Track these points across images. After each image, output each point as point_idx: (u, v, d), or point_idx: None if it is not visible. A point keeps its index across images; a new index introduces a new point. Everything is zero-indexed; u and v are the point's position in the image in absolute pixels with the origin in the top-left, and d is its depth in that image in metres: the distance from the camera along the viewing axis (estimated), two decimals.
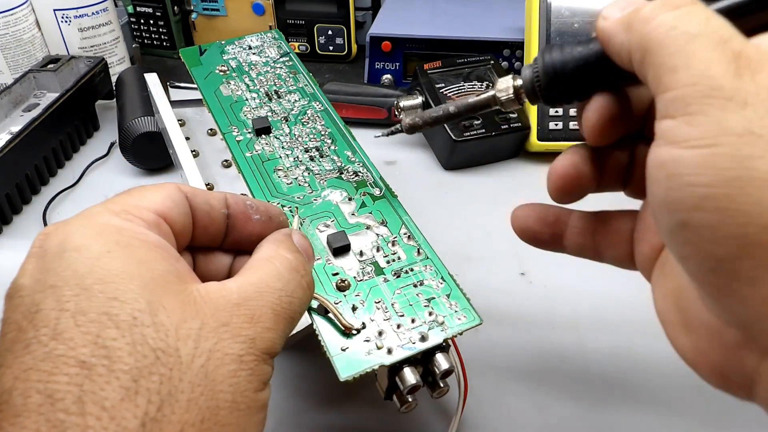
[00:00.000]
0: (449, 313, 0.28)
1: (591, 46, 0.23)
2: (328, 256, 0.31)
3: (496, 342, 0.37)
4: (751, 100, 0.17)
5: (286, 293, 0.22)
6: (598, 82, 0.24)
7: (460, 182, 0.52)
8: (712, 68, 0.17)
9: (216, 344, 0.19)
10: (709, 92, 0.17)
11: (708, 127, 0.17)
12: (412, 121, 0.31)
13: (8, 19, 0.58)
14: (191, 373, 0.18)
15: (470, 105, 0.29)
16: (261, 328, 0.20)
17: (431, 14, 0.69)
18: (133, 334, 0.17)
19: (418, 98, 0.54)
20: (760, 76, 0.17)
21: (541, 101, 0.26)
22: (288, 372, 0.36)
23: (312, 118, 0.39)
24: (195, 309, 0.19)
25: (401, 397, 0.28)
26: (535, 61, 0.25)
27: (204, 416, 0.17)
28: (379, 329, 0.27)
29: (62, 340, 0.17)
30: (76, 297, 0.18)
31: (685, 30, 0.18)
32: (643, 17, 0.20)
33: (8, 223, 0.48)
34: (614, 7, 0.22)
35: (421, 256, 0.31)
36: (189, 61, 0.44)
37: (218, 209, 0.25)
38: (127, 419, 0.16)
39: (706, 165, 0.17)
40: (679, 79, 0.18)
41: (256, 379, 0.19)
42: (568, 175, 0.25)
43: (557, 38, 0.54)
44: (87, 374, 0.16)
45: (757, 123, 0.16)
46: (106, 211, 0.21)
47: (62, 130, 0.55)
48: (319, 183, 0.35)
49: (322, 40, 0.75)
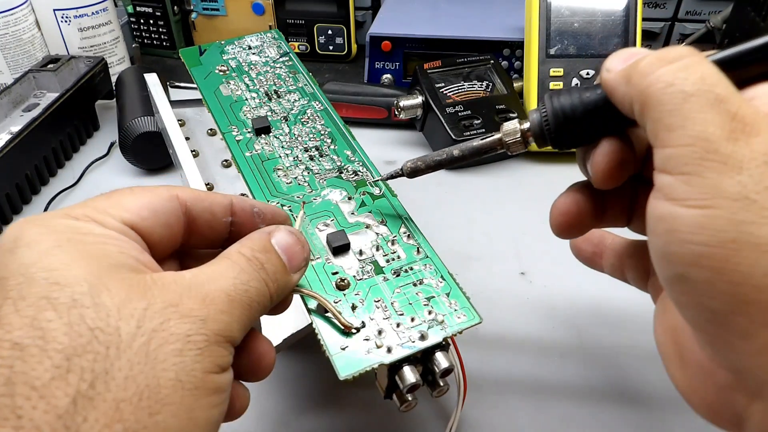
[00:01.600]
0: (449, 312, 0.28)
1: (599, 92, 0.24)
2: (328, 255, 0.31)
3: (496, 341, 0.37)
4: (746, 165, 0.17)
5: (241, 281, 0.21)
6: (606, 126, 0.24)
7: (460, 182, 0.52)
8: (707, 130, 0.18)
9: (161, 324, 0.18)
10: (704, 154, 0.18)
11: (705, 188, 0.18)
12: (414, 164, 0.31)
13: (8, 19, 0.58)
14: (131, 352, 0.17)
15: (475, 148, 0.29)
16: (213, 310, 0.20)
17: (431, 14, 0.69)
18: (71, 315, 0.17)
19: (418, 98, 0.54)
20: (755, 141, 0.18)
21: (550, 144, 0.26)
22: (288, 372, 0.36)
23: (312, 118, 0.39)
24: (143, 291, 0.19)
25: (401, 396, 0.28)
26: (541, 105, 0.26)
27: (142, 394, 0.17)
28: (379, 328, 0.27)
29: (1, 326, 0.17)
30: (19, 285, 0.18)
31: (681, 88, 0.19)
32: (642, 71, 0.20)
33: (8, 223, 0.48)
34: (617, 58, 0.22)
35: (420, 255, 0.31)
36: (189, 61, 0.44)
37: (220, 217, 0.25)
38: (57, 397, 0.16)
39: (703, 225, 0.18)
40: (676, 138, 0.18)
41: (207, 360, 0.19)
42: (570, 212, 0.26)
43: (557, 38, 0.54)
44: (19, 355, 0.17)
45: (751, 188, 0.17)
46: (66, 215, 0.21)
47: (62, 130, 0.55)
48: (318, 182, 0.35)
49: (322, 40, 0.75)
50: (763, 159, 0.17)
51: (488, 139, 0.28)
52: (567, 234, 0.27)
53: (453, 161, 0.30)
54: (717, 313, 0.18)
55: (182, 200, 0.24)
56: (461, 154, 0.29)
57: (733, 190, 0.17)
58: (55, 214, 0.21)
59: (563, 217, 0.26)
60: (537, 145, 0.27)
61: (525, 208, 0.48)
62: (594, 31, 0.54)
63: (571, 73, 0.54)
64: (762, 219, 0.17)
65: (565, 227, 0.27)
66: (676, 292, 0.20)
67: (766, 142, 0.18)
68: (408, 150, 0.57)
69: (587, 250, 0.32)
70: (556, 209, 0.27)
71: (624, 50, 0.22)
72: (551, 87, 0.54)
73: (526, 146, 0.27)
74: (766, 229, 0.17)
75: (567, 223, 0.27)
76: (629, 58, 0.22)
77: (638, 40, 0.54)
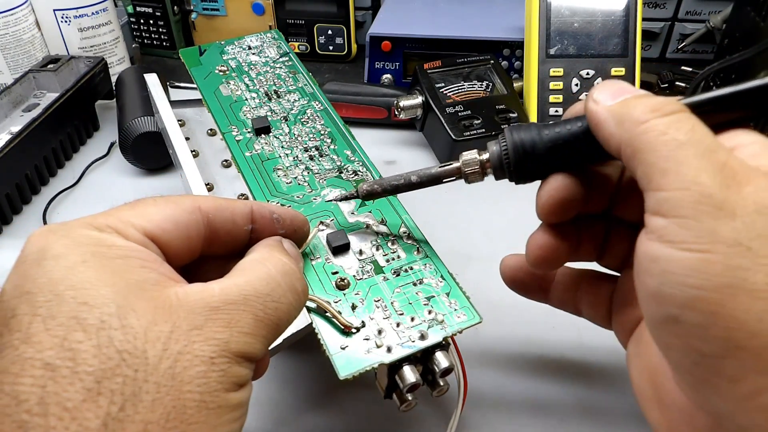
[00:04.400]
0: (449, 312, 0.28)
1: (568, 127, 0.24)
2: (328, 254, 0.31)
3: (496, 341, 0.37)
4: (740, 212, 0.18)
5: (273, 299, 0.22)
6: (565, 163, 0.25)
7: (460, 181, 0.52)
8: (701, 176, 0.19)
9: (186, 347, 0.19)
10: (699, 199, 0.18)
11: (701, 232, 0.18)
12: (370, 187, 0.31)
13: (8, 19, 0.58)
14: (157, 374, 0.18)
15: (432, 175, 0.29)
16: (236, 332, 0.20)
17: (431, 14, 0.69)
18: (99, 337, 0.18)
19: (418, 98, 0.54)
20: (746, 190, 0.18)
21: (508, 178, 0.27)
22: (288, 371, 0.36)
23: (311, 118, 0.39)
24: (168, 312, 0.19)
25: (401, 395, 0.28)
26: (501, 137, 0.26)
27: (169, 415, 0.18)
28: (379, 328, 0.27)
29: (31, 344, 0.17)
30: (48, 303, 0.18)
31: (675, 137, 0.20)
32: (636, 119, 0.21)
33: (8, 223, 0.48)
34: (605, 92, 0.23)
35: (420, 255, 0.31)
36: (189, 61, 0.44)
37: (241, 226, 0.25)
38: (88, 419, 0.17)
39: (699, 269, 0.18)
40: (670, 182, 0.19)
41: (230, 381, 0.19)
42: (545, 246, 0.27)
43: (557, 38, 0.54)
44: (51, 376, 0.17)
45: (745, 235, 0.18)
46: (90, 224, 0.21)
47: (62, 130, 0.55)
48: (318, 182, 0.35)
49: (322, 40, 0.75)
50: (754, 207, 0.18)
51: (447, 168, 0.29)
52: (543, 267, 0.28)
53: (410, 187, 0.30)
54: (707, 356, 0.19)
55: (204, 211, 0.24)
56: (419, 180, 0.29)
57: (729, 236, 0.18)
58: (79, 223, 0.21)
59: (540, 250, 0.27)
60: (495, 176, 0.27)
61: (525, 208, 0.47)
62: (594, 31, 0.54)
63: (571, 73, 0.54)
64: (757, 266, 0.18)
65: (540, 260, 0.27)
66: (666, 333, 0.20)
67: (757, 192, 0.18)
68: (408, 150, 0.57)
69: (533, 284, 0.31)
70: (533, 243, 0.27)
71: (611, 84, 0.23)
72: (551, 87, 0.54)
73: (484, 177, 0.28)
74: (761, 276, 0.18)
75: (542, 257, 0.27)
76: (618, 94, 0.22)
77: (638, 40, 0.54)
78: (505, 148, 0.26)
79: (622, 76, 0.53)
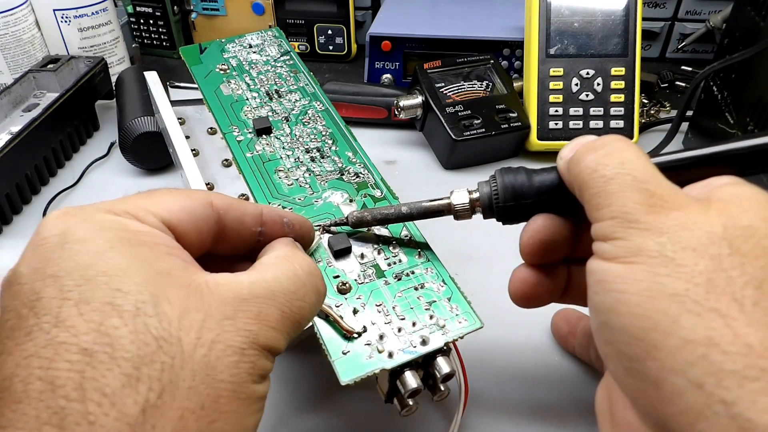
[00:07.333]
0: (450, 317, 0.28)
1: (545, 176, 0.27)
2: (329, 258, 0.31)
3: (497, 344, 0.37)
4: (667, 230, 0.20)
5: (298, 297, 0.22)
6: (552, 208, 0.27)
7: (460, 182, 0.52)
8: (627, 205, 0.21)
9: (218, 335, 0.19)
10: (628, 224, 0.21)
11: (629, 248, 0.20)
12: (361, 215, 0.31)
13: (8, 19, 0.58)
14: (192, 362, 0.18)
15: (423, 209, 0.30)
16: (265, 326, 0.20)
17: (431, 14, 0.69)
18: (135, 324, 0.18)
19: (418, 98, 0.54)
20: (676, 214, 0.20)
21: (495, 218, 0.28)
22: (289, 373, 0.36)
23: (313, 118, 0.39)
24: (200, 300, 0.19)
25: (402, 400, 0.28)
26: (492, 179, 0.28)
27: (204, 403, 0.18)
28: (380, 333, 0.27)
29: (64, 328, 0.17)
30: (79, 287, 0.18)
31: (603, 173, 0.22)
32: (575, 159, 0.24)
33: (8, 223, 0.48)
34: (568, 147, 0.25)
35: (422, 259, 0.31)
36: (189, 59, 0.44)
37: (250, 227, 0.25)
38: (128, 405, 0.16)
39: (624, 275, 0.20)
40: (603, 215, 0.22)
41: (257, 372, 0.20)
42: (527, 281, 0.28)
43: (557, 38, 0.54)
44: (88, 361, 0.17)
45: (669, 248, 0.20)
46: (108, 210, 0.21)
47: (62, 130, 0.55)
48: (320, 184, 0.35)
49: (322, 40, 0.75)
50: (683, 226, 0.20)
51: (437, 203, 0.30)
52: (525, 302, 0.29)
53: (400, 218, 0.31)
54: (633, 360, 0.20)
55: (216, 207, 0.24)
56: (409, 212, 0.30)
57: (653, 249, 0.20)
58: (97, 208, 0.21)
59: (521, 284, 0.28)
60: (483, 216, 0.29)
61: None
62: (594, 31, 0.54)
63: (571, 73, 0.54)
64: (678, 273, 0.19)
65: (520, 295, 0.29)
66: (601, 342, 0.22)
67: (686, 216, 0.20)
68: (408, 150, 0.57)
69: (563, 329, 0.35)
70: (516, 276, 0.29)
71: (576, 139, 0.25)
72: (551, 87, 0.54)
73: (473, 215, 0.29)
74: (681, 283, 0.19)
75: (522, 292, 0.28)
76: (575, 147, 0.24)
77: (638, 39, 0.54)
78: (496, 190, 0.27)
79: (622, 75, 0.53)
